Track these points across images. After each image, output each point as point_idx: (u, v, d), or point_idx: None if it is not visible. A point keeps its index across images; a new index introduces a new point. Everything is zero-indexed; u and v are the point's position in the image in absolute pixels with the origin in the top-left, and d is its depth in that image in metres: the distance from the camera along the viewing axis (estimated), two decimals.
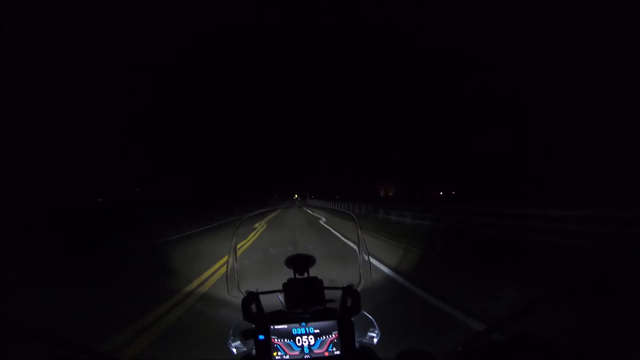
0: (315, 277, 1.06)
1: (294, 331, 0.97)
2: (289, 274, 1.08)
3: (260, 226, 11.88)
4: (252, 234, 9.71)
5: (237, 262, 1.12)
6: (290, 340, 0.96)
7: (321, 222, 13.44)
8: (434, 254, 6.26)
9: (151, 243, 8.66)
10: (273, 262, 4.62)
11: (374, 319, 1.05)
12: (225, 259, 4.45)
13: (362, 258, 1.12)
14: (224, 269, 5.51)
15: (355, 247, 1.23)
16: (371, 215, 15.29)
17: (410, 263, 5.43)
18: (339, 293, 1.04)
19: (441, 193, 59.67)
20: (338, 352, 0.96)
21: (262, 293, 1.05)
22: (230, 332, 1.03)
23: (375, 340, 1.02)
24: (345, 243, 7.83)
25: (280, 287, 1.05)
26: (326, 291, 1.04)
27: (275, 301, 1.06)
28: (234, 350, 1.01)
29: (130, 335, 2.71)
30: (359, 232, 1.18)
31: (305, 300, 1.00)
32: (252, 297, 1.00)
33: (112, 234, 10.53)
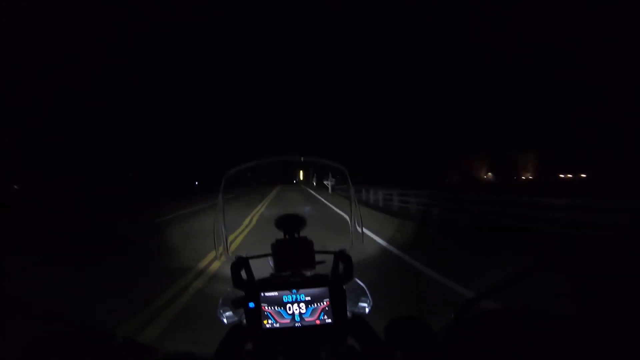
0: (305, 237, 1.02)
1: (285, 298, 0.93)
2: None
3: None
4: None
5: (224, 223, 1.06)
6: (280, 308, 0.93)
7: None
8: None
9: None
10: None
11: (366, 287, 1.02)
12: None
13: (355, 221, 1.08)
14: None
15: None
16: None
17: None
18: (330, 257, 1.01)
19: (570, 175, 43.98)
20: (329, 320, 0.92)
21: (252, 257, 1.01)
22: (220, 301, 0.99)
23: (367, 309, 0.98)
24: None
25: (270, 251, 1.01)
26: (317, 255, 1.00)
27: (267, 268, 1.02)
28: (225, 320, 0.97)
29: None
30: (352, 195, 1.15)
31: (294, 261, 0.97)
32: (241, 262, 0.97)
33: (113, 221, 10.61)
